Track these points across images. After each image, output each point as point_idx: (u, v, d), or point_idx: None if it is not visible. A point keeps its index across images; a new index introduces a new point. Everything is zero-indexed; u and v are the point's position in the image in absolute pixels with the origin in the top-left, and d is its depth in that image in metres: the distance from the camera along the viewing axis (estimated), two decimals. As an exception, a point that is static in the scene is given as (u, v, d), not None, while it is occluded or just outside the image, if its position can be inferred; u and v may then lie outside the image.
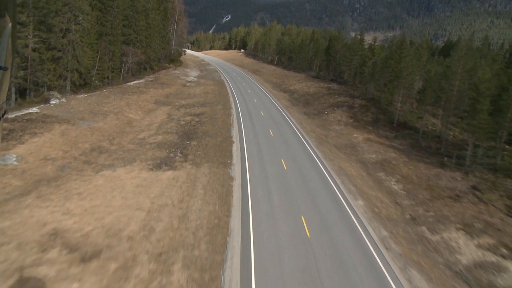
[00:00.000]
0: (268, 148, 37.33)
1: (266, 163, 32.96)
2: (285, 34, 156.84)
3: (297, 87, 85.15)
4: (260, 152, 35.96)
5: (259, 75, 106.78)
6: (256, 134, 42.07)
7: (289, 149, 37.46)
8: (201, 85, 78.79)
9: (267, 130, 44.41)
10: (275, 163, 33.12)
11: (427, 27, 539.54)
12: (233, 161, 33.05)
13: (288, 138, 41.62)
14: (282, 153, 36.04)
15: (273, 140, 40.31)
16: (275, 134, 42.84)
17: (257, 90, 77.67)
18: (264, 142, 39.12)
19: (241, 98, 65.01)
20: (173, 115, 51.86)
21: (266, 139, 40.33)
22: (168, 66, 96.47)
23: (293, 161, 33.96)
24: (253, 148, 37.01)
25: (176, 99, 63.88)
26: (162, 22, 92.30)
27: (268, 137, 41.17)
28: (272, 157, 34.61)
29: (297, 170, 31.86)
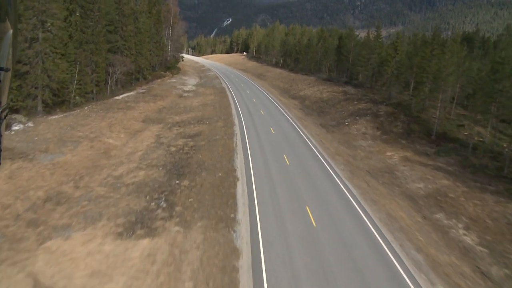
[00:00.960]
0: (285, 187, 27.01)
1: (286, 216, 22.72)
2: (289, 34, 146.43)
3: (308, 92, 74.88)
4: (276, 195, 25.65)
5: (264, 80, 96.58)
6: (268, 164, 31.77)
7: (314, 188, 27.01)
8: (200, 95, 68.71)
9: (280, 156, 34.09)
10: (299, 215, 22.85)
11: (430, 22, 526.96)
12: (238, 215, 22.79)
13: (311, 169, 31.20)
14: (306, 196, 25.60)
15: (291, 172, 29.97)
16: (292, 162, 32.49)
17: (263, 98, 67.52)
18: (280, 178, 28.78)
19: (246, 110, 54.84)
20: (163, 137, 41.78)
21: (282, 172, 30.00)
22: (164, 75, 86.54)
23: (324, 211, 23.60)
24: (265, 188, 26.71)
25: (169, 114, 53.85)
26: (154, 26, 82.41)
27: (284, 169, 30.84)
28: (292, 204, 24.30)
29: (332, 228, 21.51)
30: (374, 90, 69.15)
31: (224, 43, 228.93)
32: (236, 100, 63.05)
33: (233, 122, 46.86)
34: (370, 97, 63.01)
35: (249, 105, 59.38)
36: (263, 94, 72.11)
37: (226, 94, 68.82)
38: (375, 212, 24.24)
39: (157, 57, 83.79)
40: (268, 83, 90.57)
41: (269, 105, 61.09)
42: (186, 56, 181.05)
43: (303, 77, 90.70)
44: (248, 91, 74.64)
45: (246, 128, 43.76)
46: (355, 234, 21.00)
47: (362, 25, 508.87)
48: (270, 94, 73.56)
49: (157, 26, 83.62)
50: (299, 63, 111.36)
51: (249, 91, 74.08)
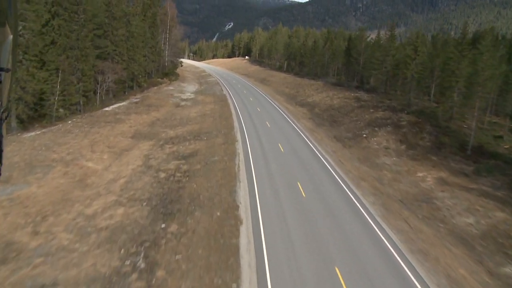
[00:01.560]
0: (304, 235, 20.09)
1: (308, 279, 16.09)
2: (293, 37, 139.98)
3: (316, 98, 68.18)
4: (292, 249, 18.75)
5: (268, 85, 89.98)
6: (279, 198, 24.95)
7: (344, 238, 19.92)
8: (199, 104, 62.14)
9: (294, 185, 27.27)
10: (324, 279, 16.22)
11: (432, 22, 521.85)
12: (242, 285, 16.15)
13: (334, 205, 24.25)
14: (334, 251, 18.58)
15: (310, 211, 23.05)
16: (310, 194, 25.67)
17: (268, 106, 60.92)
18: (296, 220, 21.86)
19: (249, 122, 48.22)
20: (152, 158, 35.20)
21: (298, 210, 23.12)
22: (161, 82, 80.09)
23: (360, 275, 16.83)
24: (278, 238, 19.83)
25: (163, 127, 47.30)
26: (149, 30, 76.05)
27: (300, 205, 23.94)
28: (317, 265, 17.51)
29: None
30: (389, 96, 62.39)
31: (226, 47, 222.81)
32: (238, 109, 56.44)
33: (235, 137, 40.19)
34: (387, 104, 56.25)
35: (253, 115, 52.77)
36: (267, 102, 65.53)
37: (228, 103, 62.22)
38: (431, 275, 17.48)
39: (153, 63, 77.37)
40: (272, 89, 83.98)
41: (275, 114, 54.48)
42: (186, 61, 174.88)
43: (310, 82, 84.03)
44: (251, 98, 68.05)
45: (250, 145, 37.05)
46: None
47: (364, 27, 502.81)
48: (275, 101, 66.97)
49: (152, 29, 77.25)
50: (305, 67, 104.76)
51: (252, 98, 67.49)
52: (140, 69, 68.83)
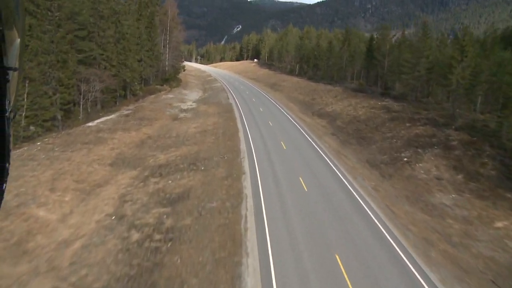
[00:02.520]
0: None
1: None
2: (304, 38, 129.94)
3: (336, 107, 58.11)
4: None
5: (280, 91, 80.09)
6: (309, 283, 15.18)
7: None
8: (200, 117, 52.40)
9: (331, 258, 17.34)
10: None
11: (443, 22, 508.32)
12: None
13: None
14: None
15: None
16: (356, 278, 15.81)
17: (281, 118, 51.00)
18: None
19: (260, 142, 38.30)
20: (129, 201, 25.52)
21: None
22: (160, 89, 70.67)
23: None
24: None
25: (153, 150, 37.70)
26: (146, 31, 66.67)
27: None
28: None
29: None
30: (424, 105, 52.15)
31: (234, 49, 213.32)
32: (246, 123, 46.62)
33: (242, 167, 30.29)
34: (425, 115, 46.02)
35: (264, 131, 42.90)
36: (280, 112, 55.61)
37: (234, 114, 52.41)
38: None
39: (151, 68, 67.91)
40: (284, 96, 74.06)
41: (290, 129, 44.58)
42: (193, 65, 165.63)
43: (326, 87, 73.95)
44: (261, 108, 58.08)
45: (262, 181, 27.07)
46: None
47: (374, 28, 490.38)
48: (289, 111, 57.06)
49: (149, 30, 67.84)
50: (319, 70, 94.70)
51: (262, 108, 57.51)
52: (134, 75, 59.39)
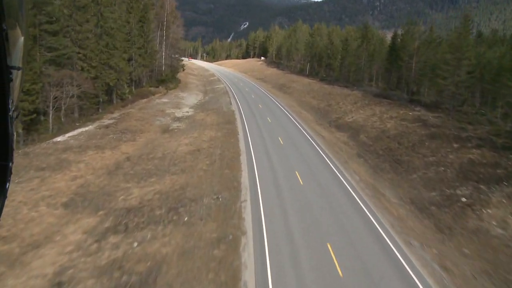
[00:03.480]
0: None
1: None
2: (314, 35, 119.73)
3: (358, 117, 48.25)
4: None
5: (289, 94, 70.26)
6: None
7: None
8: (195, 128, 42.72)
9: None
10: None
11: (453, 20, 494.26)
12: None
13: None
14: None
15: None
16: None
17: (293, 132, 41.06)
18: None
19: (269, 171, 28.25)
20: (65, 284, 16.10)
21: None
22: (154, 91, 61.19)
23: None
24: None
25: (127, 180, 28.12)
26: (138, 25, 57.15)
27: None
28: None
29: None
30: (466, 117, 42.21)
31: (240, 47, 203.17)
32: (250, 139, 36.83)
33: (242, 219, 20.48)
34: (473, 132, 36.09)
35: (274, 153, 33.04)
36: (292, 123, 45.75)
37: (236, 126, 42.62)
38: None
39: (143, 68, 58.36)
40: (295, 100, 64.21)
41: (307, 150, 34.73)
42: (197, 63, 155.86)
43: (343, 91, 64.02)
44: (270, 117, 48.11)
45: (270, 253, 17.30)
46: None
47: (382, 26, 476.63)
48: (302, 121, 47.24)
49: (142, 25, 58.27)
50: (332, 71, 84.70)
51: (270, 118, 47.58)
52: (121, 77, 49.91)
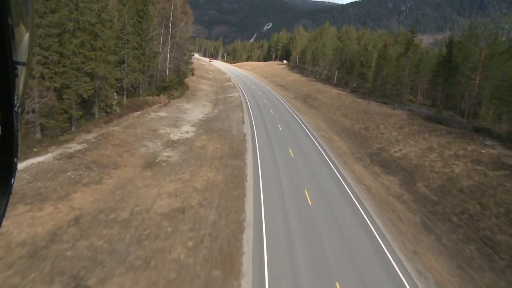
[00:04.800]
0: None
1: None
2: (344, 39, 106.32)
3: (409, 152, 35.29)
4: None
5: (316, 109, 57.59)
6: None
7: None
8: (189, 162, 30.45)
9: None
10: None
11: (481, 27, 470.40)
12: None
13: None
14: None
15: None
16: None
17: (326, 179, 27.98)
18: None
19: (294, 274, 16.38)
20: None
21: None
22: (152, 101, 49.55)
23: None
24: None
25: (52, 276, 16.38)
26: (133, 21, 45.57)
27: None
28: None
29: None
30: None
31: (262, 48, 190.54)
32: (263, 194, 24.31)
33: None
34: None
35: (297, 227, 20.69)
36: (323, 160, 32.70)
37: (245, 164, 30.05)
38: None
39: (138, 73, 46.69)
40: (323, 118, 51.50)
41: (348, 218, 22.03)
42: (216, 64, 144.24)
43: (382, 109, 51.06)
44: (292, 148, 34.48)
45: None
46: None
47: (407, 31, 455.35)
48: (336, 155, 34.50)
49: (140, 21, 46.67)
50: (365, 81, 71.55)
51: (294, 150, 34.05)
52: (104, 85, 38.31)
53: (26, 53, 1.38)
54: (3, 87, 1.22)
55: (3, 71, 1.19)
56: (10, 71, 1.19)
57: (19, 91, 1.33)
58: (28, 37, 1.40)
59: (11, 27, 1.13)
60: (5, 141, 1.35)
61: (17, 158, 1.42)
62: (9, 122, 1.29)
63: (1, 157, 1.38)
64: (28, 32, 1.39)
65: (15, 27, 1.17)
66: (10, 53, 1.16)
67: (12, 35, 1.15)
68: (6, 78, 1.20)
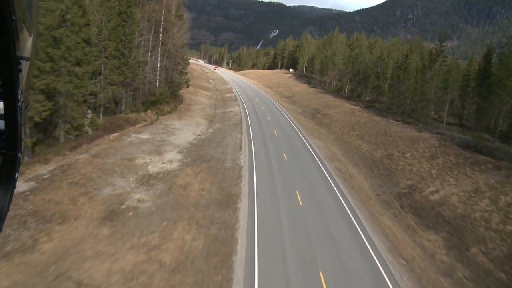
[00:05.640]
0: None
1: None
2: (354, 47, 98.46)
3: (450, 195, 27.00)
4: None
5: (327, 128, 49.60)
6: None
7: None
8: (163, 214, 22.53)
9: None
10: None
11: (489, 36, 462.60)
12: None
13: None
14: None
15: None
16: None
17: (346, 245, 20.22)
18: None
19: None
20: None
21: None
22: (135, 119, 41.81)
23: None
24: None
25: None
26: (113, 23, 38.00)
27: None
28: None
29: None
30: None
31: (267, 55, 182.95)
32: (258, 276, 16.47)
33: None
34: None
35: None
36: (341, 209, 24.51)
37: (236, 220, 21.78)
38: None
39: (117, 87, 38.98)
40: (336, 141, 43.45)
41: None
42: (220, 72, 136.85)
43: (405, 131, 42.94)
44: (301, 189, 26.20)
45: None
46: None
47: (421, 39, 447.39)
48: (357, 198, 26.43)
49: (123, 24, 39.10)
50: (380, 95, 63.40)
51: (302, 194, 25.72)
52: (67, 103, 30.61)
53: (30, 49, 1.35)
54: (7, 81, 1.22)
55: (7, 66, 1.18)
56: (14, 66, 1.19)
57: (22, 86, 1.31)
58: (33, 32, 1.35)
59: (15, 22, 1.12)
60: (9, 136, 1.33)
61: (21, 153, 1.40)
62: (13, 116, 1.28)
63: (5, 152, 1.35)
64: (33, 27, 1.34)
65: (20, 22, 1.16)
66: (13, 48, 1.15)
67: (16, 30, 1.14)
68: (10, 72, 1.19)
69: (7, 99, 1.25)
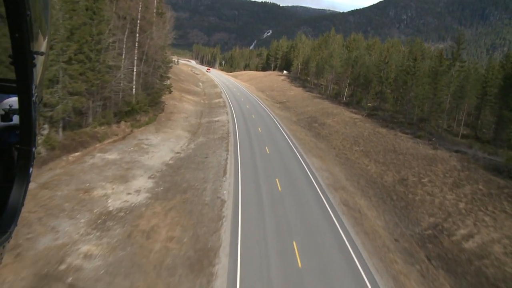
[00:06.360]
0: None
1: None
2: (352, 48, 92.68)
3: (487, 239, 20.87)
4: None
5: (326, 142, 43.44)
6: None
7: None
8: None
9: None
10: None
11: (483, 37, 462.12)
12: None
13: None
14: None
15: None
16: None
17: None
18: None
19: None
20: None
21: None
22: (104, 134, 35.33)
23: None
24: None
25: None
26: (71, 22, 31.47)
27: None
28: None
29: None
30: None
31: (260, 56, 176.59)
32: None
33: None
34: None
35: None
36: (348, 258, 18.76)
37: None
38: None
39: (75, 97, 32.50)
40: (337, 159, 37.31)
41: None
42: (211, 74, 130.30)
43: (418, 148, 36.93)
44: (297, 241, 20.25)
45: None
46: None
47: (422, 40, 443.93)
48: (369, 243, 20.42)
49: (89, 23, 32.66)
50: (383, 102, 57.44)
51: (300, 239, 20.18)
52: (6, 122, 23.88)
53: (44, 44, 1.33)
54: (21, 76, 1.20)
55: (22, 60, 1.17)
56: (28, 61, 1.17)
57: (36, 81, 1.29)
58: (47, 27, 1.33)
59: (30, 17, 1.10)
60: (24, 130, 1.33)
61: (35, 148, 1.41)
62: (27, 111, 1.27)
63: (20, 147, 1.36)
64: (47, 22, 1.32)
65: (34, 16, 1.14)
66: (28, 43, 1.14)
67: (31, 25, 1.13)
68: (24, 67, 1.18)
69: (22, 93, 1.24)
